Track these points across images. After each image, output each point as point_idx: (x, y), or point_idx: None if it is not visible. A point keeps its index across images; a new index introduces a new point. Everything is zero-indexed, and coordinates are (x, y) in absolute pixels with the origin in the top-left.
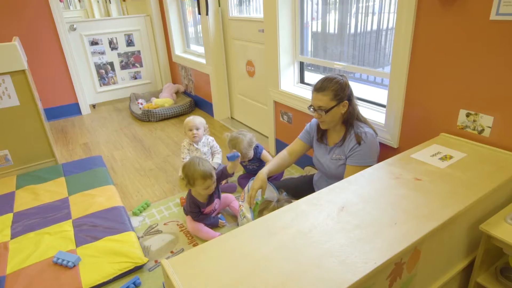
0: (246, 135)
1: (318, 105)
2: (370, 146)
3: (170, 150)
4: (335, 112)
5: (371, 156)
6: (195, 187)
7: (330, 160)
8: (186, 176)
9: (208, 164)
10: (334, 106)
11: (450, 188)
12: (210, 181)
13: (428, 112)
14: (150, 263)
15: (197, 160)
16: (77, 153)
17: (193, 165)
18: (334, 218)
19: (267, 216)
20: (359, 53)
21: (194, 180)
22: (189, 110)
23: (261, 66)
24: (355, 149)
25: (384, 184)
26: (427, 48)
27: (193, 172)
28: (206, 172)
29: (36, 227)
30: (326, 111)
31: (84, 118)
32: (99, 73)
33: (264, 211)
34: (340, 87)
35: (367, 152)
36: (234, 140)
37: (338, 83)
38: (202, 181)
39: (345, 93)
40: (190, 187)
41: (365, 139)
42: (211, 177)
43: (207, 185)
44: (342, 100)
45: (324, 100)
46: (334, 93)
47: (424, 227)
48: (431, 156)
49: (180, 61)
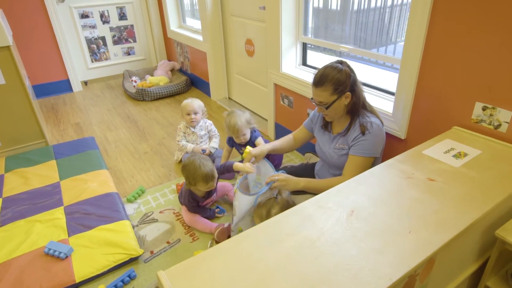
0: (245, 112)
1: (318, 100)
2: (375, 137)
3: (166, 132)
4: (338, 105)
5: (375, 147)
6: (197, 187)
7: (333, 150)
8: (187, 178)
9: (209, 164)
10: (335, 100)
11: (466, 190)
12: (212, 182)
13: (441, 103)
14: (146, 254)
15: (198, 161)
16: (68, 134)
17: (194, 167)
18: (343, 223)
19: (271, 221)
20: (362, 33)
21: (196, 182)
22: (185, 89)
23: (261, 45)
24: (358, 138)
25: (395, 184)
26: (445, 32)
27: (194, 175)
28: (208, 175)
29: (26, 214)
30: (327, 107)
31: (76, 95)
32: (90, 48)
33: (271, 210)
34: (339, 78)
35: (371, 143)
36: (232, 113)
37: (338, 74)
38: (204, 184)
39: (346, 84)
40: (190, 186)
41: (370, 129)
42: (213, 179)
43: (209, 187)
44: (343, 92)
45: (324, 95)
46: (333, 87)
47: (441, 237)
48: (444, 152)
49: (176, 37)
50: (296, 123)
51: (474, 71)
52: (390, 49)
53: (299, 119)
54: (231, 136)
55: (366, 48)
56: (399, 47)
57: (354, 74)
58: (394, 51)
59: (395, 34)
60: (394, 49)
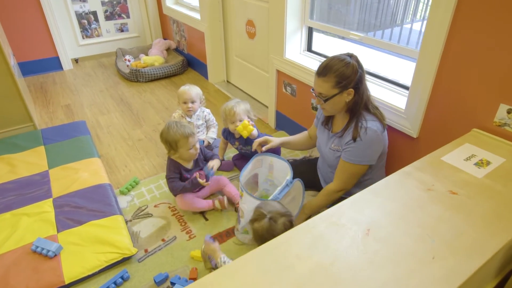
0: (246, 103)
1: (318, 91)
2: (366, 145)
3: (161, 117)
4: (337, 101)
5: (367, 155)
6: (180, 149)
7: (328, 149)
8: (167, 142)
9: (185, 124)
10: (335, 94)
11: (492, 207)
12: (193, 139)
13: (460, 101)
14: (140, 253)
15: (173, 124)
16: (58, 117)
17: (171, 129)
18: (359, 245)
19: (278, 241)
20: (371, 14)
21: (177, 142)
22: (181, 70)
23: (263, 28)
24: (349, 144)
25: (414, 197)
26: (472, 22)
27: (173, 135)
28: (185, 131)
29: (12, 206)
30: (326, 100)
31: (66, 74)
32: (81, 24)
33: (254, 223)
34: (345, 72)
35: (361, 151)
36: (230, 100)
37: (344, 67)
38: (185, 140)
39: (352, 80)
40: (174, 153)
41: (362, 136)
42: (193, 135)
43: (192, 143)
44: (346, 87)
45: (325, 87)
46: (337, 80)
47: (468, 265)
48: (465, 160)
49: (172, 14)
50: (299, 113)
51: (502, 68)
52: (405, 32)
53: (302, 109)
54: (227, 124)
55: (380, 28)
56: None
57: (362, 70)
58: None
59: (410, 14)
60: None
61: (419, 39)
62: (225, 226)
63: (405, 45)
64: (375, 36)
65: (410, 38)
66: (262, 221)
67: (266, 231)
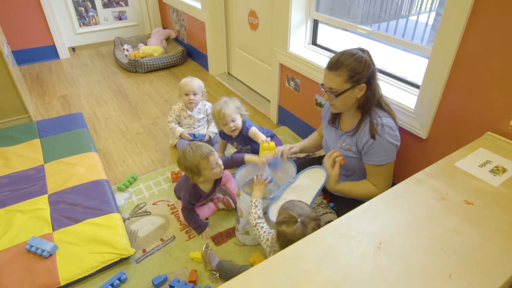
0: (235, 99)
1: (329, 86)
2: (386, 141)
3: (160, 110)
4: (348, 96)
5: (390, 152)
6: (203, 172)
7: (339, 149)
8: (187, 169)
9: (199, 143)
10: (347, 89)
11: (509, 218)
12: (214, 156)
13: (474, 103)
14: (138, 253)
15: (187, 148)
16: (54, 108)
17: (187, 154)
18: (370, 260)
19: (287, 253)
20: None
21: (198, 166)
22: (181, 61)
23: (266, 19)
24: (370, 145)
25: (427, 207)
26: (490, 19)
27: (191, 160)
28: (204, 151)
29: (7, 202)
30: (337, 95)
31: (63, 62)
32: (78, 11)
33: (282, 225)
34: (358, 66)
35: (384, 148)
36: (217, 102)
37: (357, 61)
38: (206, 161)
39: (364, 75)
40: (198, 178)
41: (381, 132)
42: (212, 153)
43: (214, 162)
44: (359, 82)
45: (337, 81)
46: (349, 74)
47: (486, 285)
48: (480, 166)
49: (172, 2)
50: (302, 109)
51: None
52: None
53: (306, 104)
54: (220, 127)
55: (385, 20)
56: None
57: (374, 66)
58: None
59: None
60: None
61: (425, 32)
62: (225, 226)
63: (413, 40)
64: (379, 29)
65: (415, 30)
66: (293, 225)
67: (297, 237)
